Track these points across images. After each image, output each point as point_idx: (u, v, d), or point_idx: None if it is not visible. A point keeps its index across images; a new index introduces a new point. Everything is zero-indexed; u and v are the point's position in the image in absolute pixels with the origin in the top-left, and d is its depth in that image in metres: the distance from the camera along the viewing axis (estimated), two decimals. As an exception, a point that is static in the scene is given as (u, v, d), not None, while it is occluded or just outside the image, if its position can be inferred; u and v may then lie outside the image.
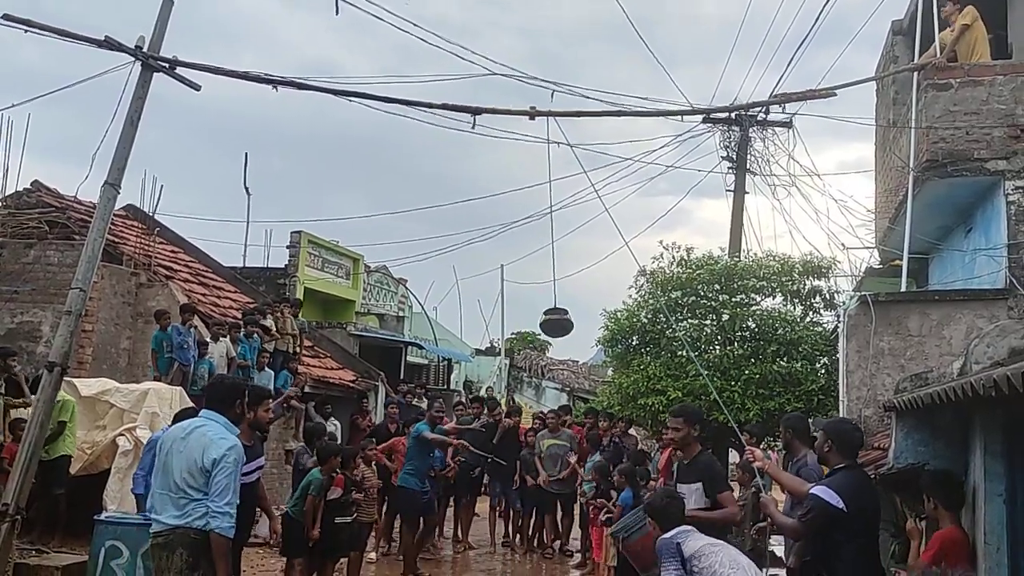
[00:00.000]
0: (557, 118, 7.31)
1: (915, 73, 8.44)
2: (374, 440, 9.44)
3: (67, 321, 6.76)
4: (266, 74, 7.23)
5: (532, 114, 7.25)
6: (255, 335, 12.12)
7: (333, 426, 12.84)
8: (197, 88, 7.23)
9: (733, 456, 14.95)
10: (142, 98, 7.06)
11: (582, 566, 10.40)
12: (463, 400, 16.44)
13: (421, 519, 9.45)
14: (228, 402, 4.74)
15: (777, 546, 11.39)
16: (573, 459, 10.87)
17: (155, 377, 10.58)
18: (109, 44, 6.81)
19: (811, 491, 4.71)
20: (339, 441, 12.49)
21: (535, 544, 11.24)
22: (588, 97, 8.06)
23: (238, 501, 4.50)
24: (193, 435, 4.51)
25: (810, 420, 10.97)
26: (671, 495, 5.11)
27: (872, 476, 5.52)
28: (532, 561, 10.89)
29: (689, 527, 4.69)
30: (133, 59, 6.95)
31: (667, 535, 4.62)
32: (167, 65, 7.09)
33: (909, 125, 8.41)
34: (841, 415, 7.91)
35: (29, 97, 7.55)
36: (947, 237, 9.25)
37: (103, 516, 7.13)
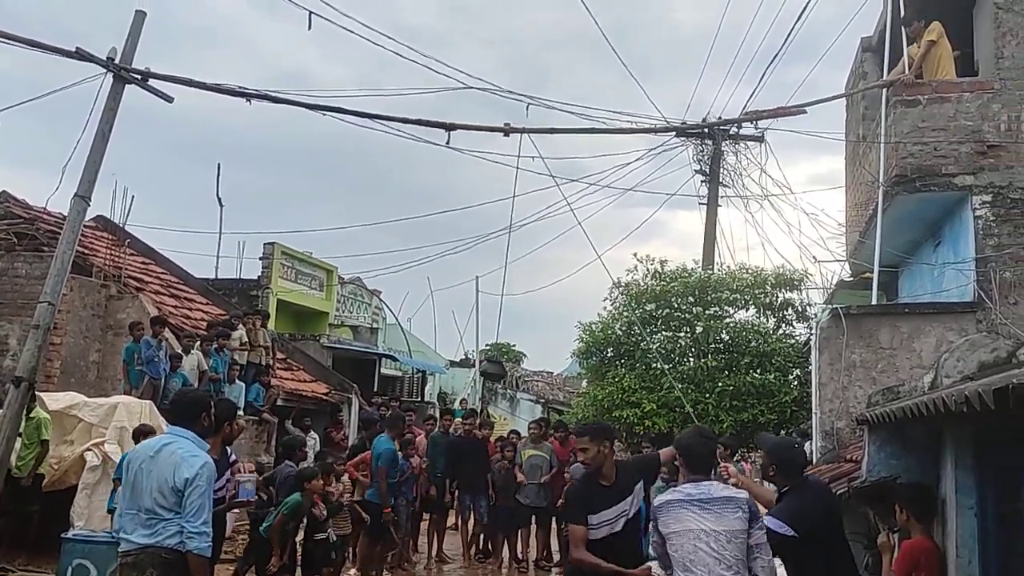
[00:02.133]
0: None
1: (884, 89, 8.58)
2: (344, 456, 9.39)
3: (35, 335, 6.64)
4: (239, 86, 7.19)
5: (506, 131, 7.29)
6: (225, 348, 12.04)
7: (312, 439, 12.74)
8: (169, 100, 7.16)
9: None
10: (113, 109, 6.97)
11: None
12: (434, 413, 16.41)
13: (384, 534, 9.36)
14: (194, 416, 4.61)
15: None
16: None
17: (126, 390, 10.43)
18: (80, 55, 6.73)
19: (762, 521, 4.61)
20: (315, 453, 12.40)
21: (509, 558, 11.19)
22: (563, 111, 8.13)
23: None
24: (162, 453, 4.37)
25: (754, 438, 11.05)
26: (701, 432, 4.70)
27: (846, 489, 5.57)
28: (507, 575, 10.84)
29: (677, 497, 4.23)
30: (105, 70, 6.87)
31: (659, 501, 4.26)
32: (139, 77, 7.01)
33: (878, 140, 8.53)
34: (814, 427, 7.97)
35: (-2, 107, 7.44)
36: (916, 251, 9.38)
37: (71, 534, 7.01)
